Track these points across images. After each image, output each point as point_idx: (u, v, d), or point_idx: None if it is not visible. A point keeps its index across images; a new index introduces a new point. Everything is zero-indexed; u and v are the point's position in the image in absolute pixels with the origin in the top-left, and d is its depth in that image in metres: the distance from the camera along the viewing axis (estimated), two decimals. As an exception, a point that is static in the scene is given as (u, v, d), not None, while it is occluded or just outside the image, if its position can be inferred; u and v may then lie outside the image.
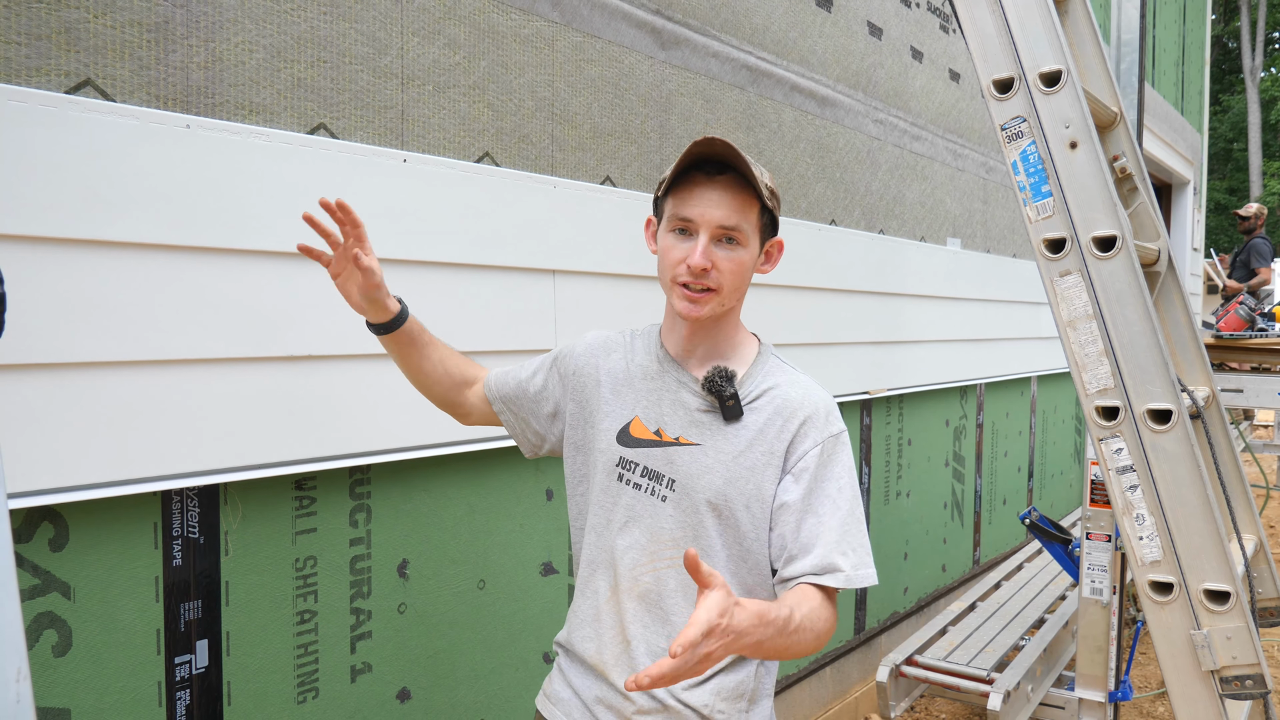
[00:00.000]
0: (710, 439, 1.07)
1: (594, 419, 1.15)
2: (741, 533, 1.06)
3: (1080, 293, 1.59)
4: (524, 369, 1.24)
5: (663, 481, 1.08)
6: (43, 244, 1.07)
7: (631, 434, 1.11)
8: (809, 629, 0.96)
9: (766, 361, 1.12)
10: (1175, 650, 1.58)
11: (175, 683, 1.24)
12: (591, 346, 1.19)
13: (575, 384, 1.18)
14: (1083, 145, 1.57)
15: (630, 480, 1.10)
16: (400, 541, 1.53)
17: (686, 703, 1.07)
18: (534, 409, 1.21)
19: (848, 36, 2.71)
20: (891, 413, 3.06)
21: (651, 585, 1.08)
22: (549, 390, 1.20)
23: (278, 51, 1.30)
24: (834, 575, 1.01)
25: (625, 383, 1.14)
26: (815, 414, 1.06)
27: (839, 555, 1.02)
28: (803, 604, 0.97)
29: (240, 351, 1.25)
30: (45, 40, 1.07)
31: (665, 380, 1.11)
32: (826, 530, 1.03)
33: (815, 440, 1.05)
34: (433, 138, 1.52)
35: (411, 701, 1.55)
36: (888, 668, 2.56)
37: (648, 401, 1.11)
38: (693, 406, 1.09)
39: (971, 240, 3.56)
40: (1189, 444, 1.53)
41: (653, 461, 1.09)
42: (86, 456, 1.11)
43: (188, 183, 1.19)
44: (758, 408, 1.07)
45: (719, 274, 1.04)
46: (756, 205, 1.06)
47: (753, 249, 1.07)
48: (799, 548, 1.03)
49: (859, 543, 1.04)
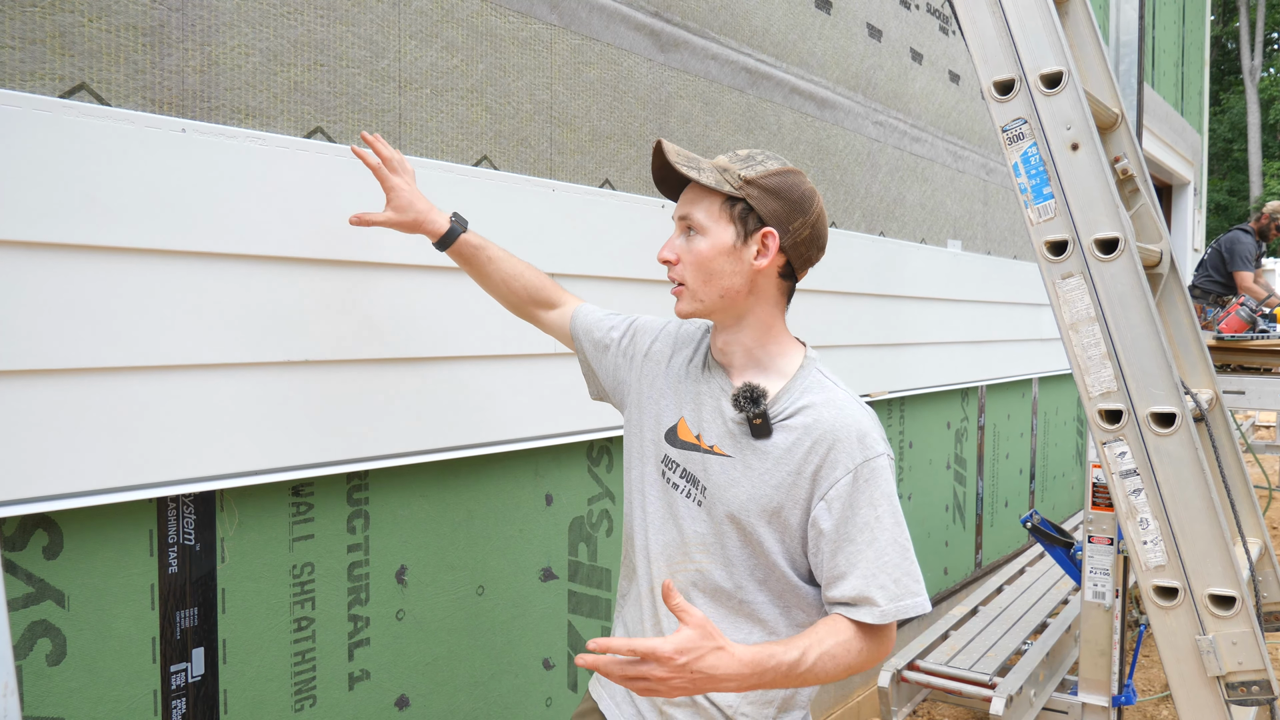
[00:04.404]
0: (740, 453, 1.06)
1: (651, 408, 1.17)
2: (765, 548, 1.05)
3: (1082, 295, 1.58)
4: (613, 325, 1.27)
5: (698, 486, 1.09)
6: (37, 249, 1.06)
7: (678, 434, 1.12)
8: (828, 666, 0.95)
9: (807, 376, 1.08)
10: (1180, 656, 1.56)
11: (171, 691, 1.23)
12: (673, 335, 1.22)
13: (644, 365, 1.21)
14: (1084, 146, 1.56)
15: (671, 480, 1.12)
16: (398, 547, 1.52)
17: (713, 700, 1.08)
18: (610, 367, 1.26)
19: (847, 38, 2.71)
20: (893, 415, 3.05)
21: (682, 585, 1.10)
22: (624, 356, 1.25)
23: (274, 55, 1.29)
24: (868, 610, 0.99)
25: (681, 380, 1.15)
26: (847, 438, 1.02)
27: (875, 588, 0.99)
28: (826, 640, 0.97)
29: (236, 357, 1.24)
30: (39, 44, 1.07)
31: (710, 386, 1.12)
32: (862, 561, 0.99)
33: (847, 467, 1.01)
34: (430, 141, 1.51)
35: (410, 709, 1.54)
36: (889, 673, 2.55)
37: (694, 405, 1.12)
38: (729, 416, 1.08)
39: (972, 242, 3.55)
40: (1193, 447, 1.52)
41: (691, 465, 1.10)
42: (81, 463, 1.10)
43: (183, 187, 1.18)
44: (789, 426, 1.04)
45: (682, 267, 1.07)
46: (716, 195, 1.04)
47: (716, 238, 1.04)
48: (835, 575, 1.01)
49: (903, 572, 1.00)
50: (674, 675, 0.85)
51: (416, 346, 1.48)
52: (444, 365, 1.53)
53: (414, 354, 1.47)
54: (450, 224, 1.28)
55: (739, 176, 1.04)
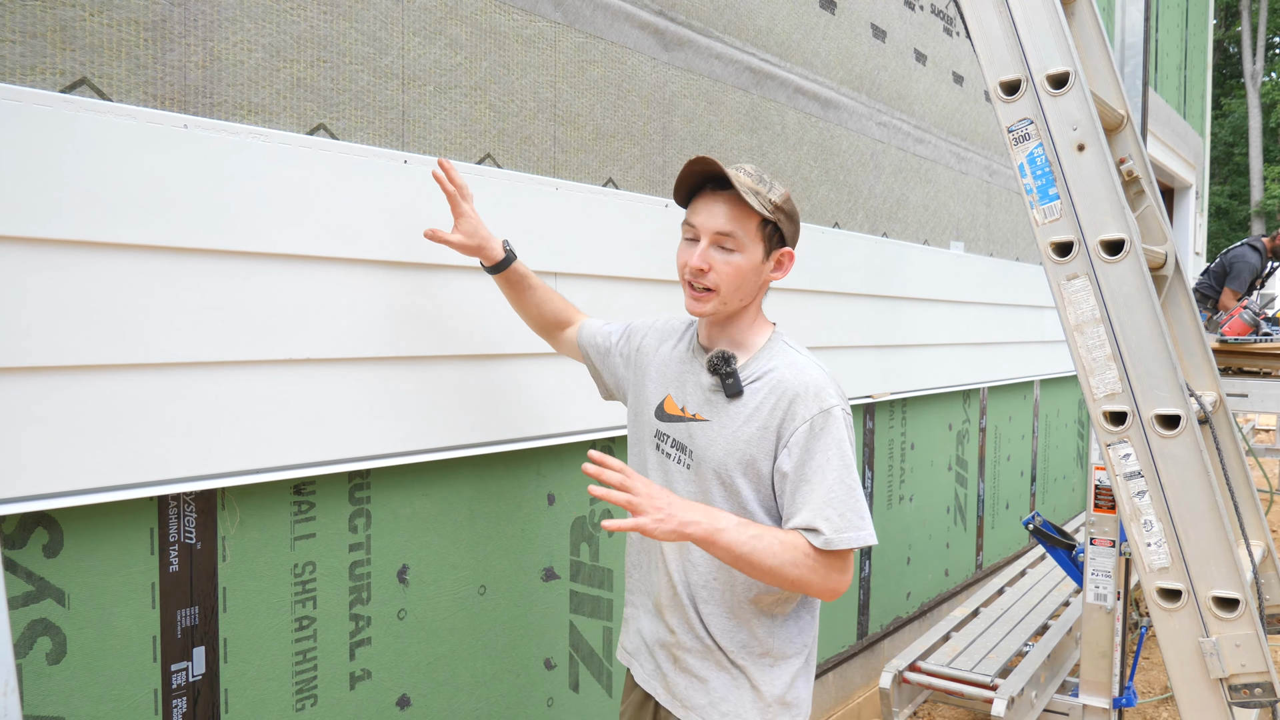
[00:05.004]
0: (716, 415, 1.23)
1: (643, 394, 1.34)
2: (743, 497, 1.20)
3: (1088, 296, 1.58)
4: (611, 331, 1.46)
5: (685, 452, 1.26)
6: (38, 245, 1.05)
7: (665, 410, 1.30)
8: (774, 547, 1.12)
9: (773, 346, 1.25)
10: (1184, 658, 1.56)
11: (172, 690, 1.22)
12: (659, 330, 1.39)
13: (637, 359, 1.38)
14: (1090, 147, 1.56)
15: (664, 450, 1.29)
16: (400, 547, 1.51)
17: (718, 643, 1.25)
18: (613, 368, 1.44)
19: (851, 39, 2.70)
20: (895, 417, 3.04)
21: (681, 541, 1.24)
22: (623, 356, 1.43)
23: (277, 51, 1.28)
24: (814, 536, 1.14)
25: (668, 365, 1.33)
26: (805, 392, 1.18)
27: (822, 519, 1.14)
28: (778, 533, 1.14)
29: (238, 355, 1.24)
30: (40, 38, 1.06)
31: (692, 365, 1.29)
32: (814, 497, 1.15)
33: (804, 417, 1.17)
34: (434, 139, 1.51)
35: (411, 708, 1.53)
36: (891, 674, 2.54)
37: (678, 383, 1.29)
38: (706, 386, 1.25)
39: (975, 244, 3.55)
40: (1197, 449, 1.52)
41: (678, 434, 1.27)
42: (82, 461, 1.10)
43: (185, 184, 1.17)
44: (757, 388, 1.21)
45: (716, 275, 1.20)
46: (755, 217, 1.20)
47: (751, 255, 1.21)
48: (792, 510, 1.17)
49: (848, 508, 1.15)
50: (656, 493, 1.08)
51: (417, 346, 1.47)
52: (445, 364, 1.53)
53: (414, 353, 1.47)
54: (505, 252, 1.44)
55: (770, 201, 1.19)
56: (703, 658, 1.25)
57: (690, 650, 1.26)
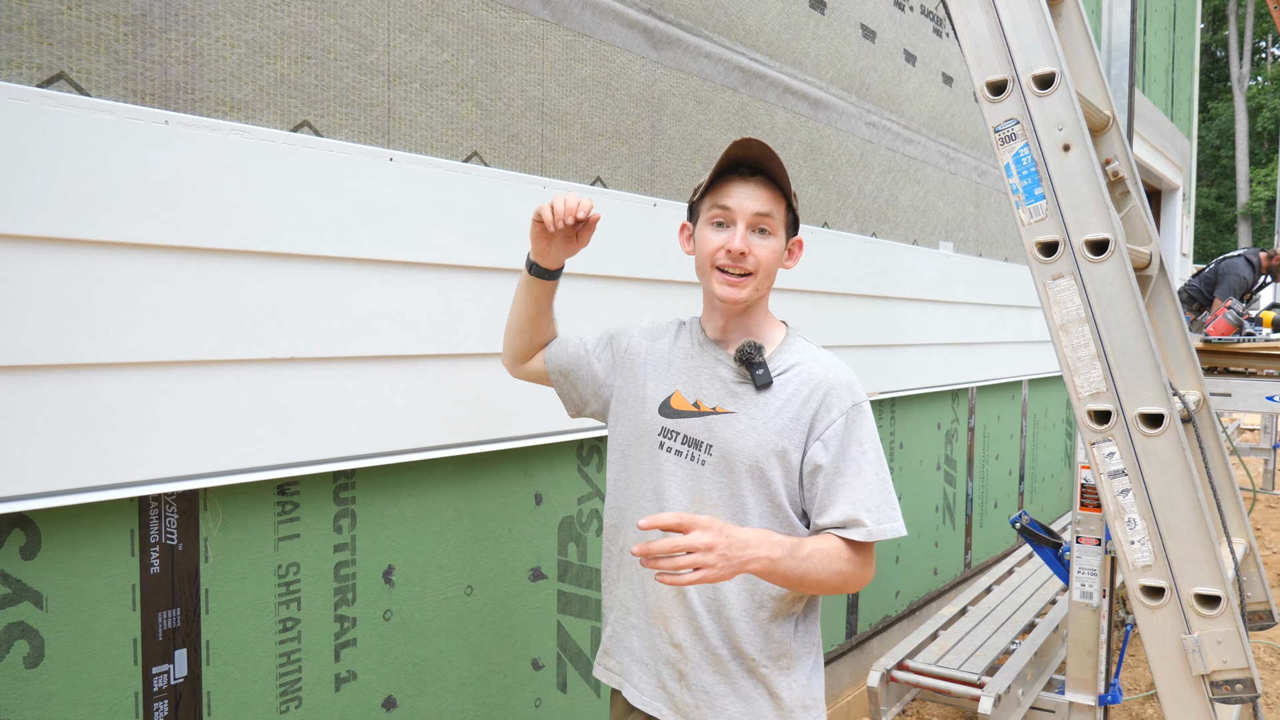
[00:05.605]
0: (744, 407, 1.19)
1: (639, 395, 1.28)
2: (774, 490, 1.18)
3: (1073, 296, 1.59)
4: (584, 341, 1.38)
5: (701, 447, 1.21)
6: (14, 242, 1.04)
7: (672, 406, 1.24)
8: (823, 562, 1.11)
9: (793, 341, 1.26)
10: (1166, 654, 1.57)
11: (153, 693, 1.21)
12: (645, 330, 1.35)
13: (626, 362, 1.33)
14: (1076, 148, 1.56)
15: (671, 448, 1.23)
16: (386, 547, 1.50)
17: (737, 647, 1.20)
18: (588, 378, 1.36)
19: (841, 39, 2.71)
20: (884, 416, 3.05)
21: None
22: (602, 363, 1.36)
23: (260, 47, 1.27)
24: (856, 529, 1.14)
25: (668, 363, 1.28)
26: (838, 385, 1.18)
27: (863, 512, 1.14)
28: (819, 543, 1.12)
29: (221, 353, 1.22)
30: (16, 32, 1.04)
31: (704, 359, 1.25)
32: (851, 490, 1.15)
33: (840, 410, 1.17)
34: (420, 136, 1.50)
35: (397, 710, 1.52)
36: (879, 672, 2.55)
37: (687, 378, 1.25)
38: (728, 379, 1.22)
39: (964, 244, 3.56)
40: (1180, 448, 1.53)
41: (692, 430, 1.22)
42: (59, 461, 1.08)
43: (166, 180, 1.16)
44: (786, 380, 1.20)
45: (755, 258, 1.18)
46: (784, 201, 1.21)
47: (781, 241, 1.22)
48: (828, 503, 1.16)
49: (883, 500, 1.16)
50: (716, 539, 1.01)
51: (402, 345, 1.46)
52: (431, 363, 1.52)
53: (400, 352, 1.46)
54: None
55: (791, 189, 1.21)
56: (715, 671, 1.20)
57: (699, 665, 1.20)
